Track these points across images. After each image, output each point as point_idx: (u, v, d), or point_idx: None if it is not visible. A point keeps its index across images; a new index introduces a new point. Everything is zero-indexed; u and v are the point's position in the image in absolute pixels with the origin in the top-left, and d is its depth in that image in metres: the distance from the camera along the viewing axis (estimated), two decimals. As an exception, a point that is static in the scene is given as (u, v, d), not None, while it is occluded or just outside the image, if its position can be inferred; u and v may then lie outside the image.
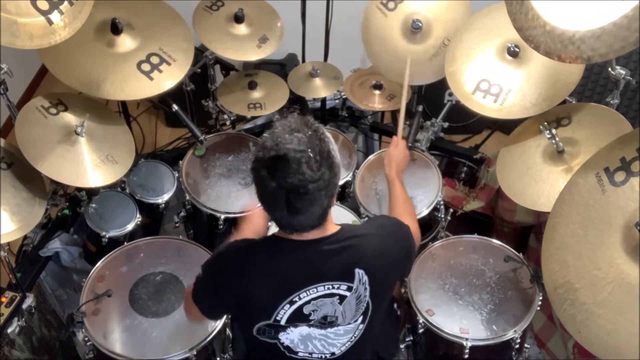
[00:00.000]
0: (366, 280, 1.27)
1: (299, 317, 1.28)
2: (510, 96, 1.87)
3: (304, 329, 1.30)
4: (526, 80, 1.87)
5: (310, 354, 1.34)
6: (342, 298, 1.27)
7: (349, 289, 1.27)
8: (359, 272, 1.26)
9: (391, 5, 2.20)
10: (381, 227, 1.40)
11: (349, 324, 1.32)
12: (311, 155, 1.12)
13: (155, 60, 1.96)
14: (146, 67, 1.94)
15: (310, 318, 1.29)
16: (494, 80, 1.91)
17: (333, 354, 1.35)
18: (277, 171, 1.12)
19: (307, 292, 1.25)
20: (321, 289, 1.25)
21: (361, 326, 1.34)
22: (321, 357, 1.35)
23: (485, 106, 1.91)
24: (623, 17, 1.23)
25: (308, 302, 1.26)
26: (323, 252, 1.25)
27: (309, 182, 1.12)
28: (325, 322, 1.30)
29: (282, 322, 1.28)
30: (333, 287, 1.26)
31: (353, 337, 1.35)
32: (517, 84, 1.88)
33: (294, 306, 1.26)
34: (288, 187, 1.12)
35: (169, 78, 1.97)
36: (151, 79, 1.94)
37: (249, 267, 1.27)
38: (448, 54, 2.01)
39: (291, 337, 1.31)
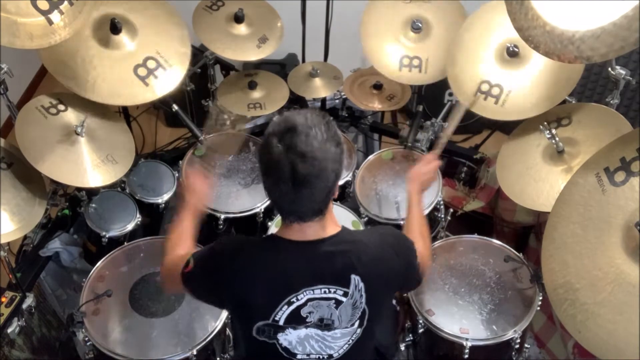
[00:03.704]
0: (362, 287, 1.26)
1: (296, 319, 1.28)
2: (511, 97, 1.87)
3: (302, 331, 1.30)
4: (527, 80, 1.87)
5: (308, 355, 1.34)
6: (338, 302, 1.27)
7: (345, 294, 1.26)
8: (355, 279, 1.25)
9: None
10: (382, 236, 1.37)
11: (346, 327, 1.32)
12: (318, 131, 1.15)
13: (151, 64, 1.96)
14: (142, 71, 1.94)
15: (307, 320, 1.28)
16: (494, 82, 1.91)
17: (331, 356, 1.35)
18: (286, 137, 1.14)
19: (305, 293, 1.25)
20: (318, 292, 1.25)
21: (358, 330, 1.34)
22: (319, 357, 1.35)
23: (486, 108, 1.90)
24: (623, 17, 1.23)
25: (305, 304, 1.26)
26: (321, 254, 1.24)
27: (316, 149, 1.14)
28: (322, 325, 1.30)
29: (281, 323, 1.27)
30: (329, 291, 1.26)
31: (350, 340, 1.35)
32: (518, 85, 1.88)
33: (292, 307, 1.26)
34: (295, 151, 1.13)
35: (164, 84, 1.97)
36: (146, 84, 1.93)
37: (248, 266, 1.27)
38: (448, 56, 2.01)
39: (289, 338, 1.31)
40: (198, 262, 1.33)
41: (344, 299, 1.27)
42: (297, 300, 1.25)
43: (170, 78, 1.98)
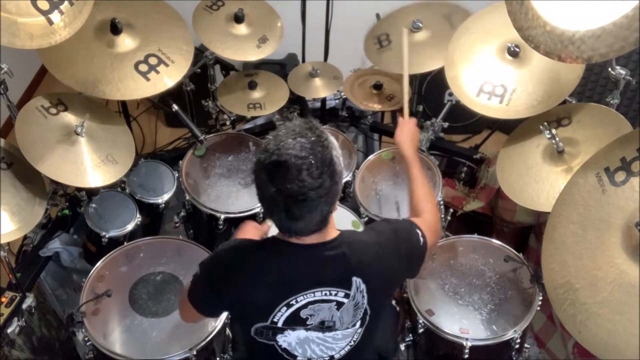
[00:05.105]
0: (364, 288, 1.27)
1: (296, 321, 1.28)
2: (516, 96, 1.87)
3: (301, 333, 1.30)
4: (530, 78, 1.87)
5: (309, 358, 1.34)
6: (339, 304, 1.27)
7: (347, 296, 1.26)
8: (357, 281, 1.26)
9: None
10: (381, 234, 1.36)
11: (347, 328, 1.32)
12: (312, 162, 1.11)
13: (153, 61, 1.96)
14: (144, 67, 1.94)
15: (307, 322, 1.29)
16: (496, 82, 1.90)
17: (332, 357, 1.35)
18: (277, 177, 1.12)
19: (304, 295, 1.25)
20: (318, 294, 1.25)
21: (360, 330, 1.34)
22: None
23: (491, 108, 1.90)
24: (623, 17, 1.23)
25: (305, 306, 1.26)
26: (321, 258, 1.25)
27: (309, 189, 1.11)
28: (323, 327, 1.30)
29: (279, 324, 1.28)
30: (330, 294, 1.26)
31: (352, 342, 1.35)
32: (521, 83, 1.87)
33: (291, 309, 1.26)
34: (287, 193, 1.11)
35: (166, 79, 1.97)
36: (148, 79, 1.93)
37: (248, 267, 1.27)
38: (447, 59, 2.00)
39: (288, 340, 1.31)
40: (202, 267, 1.34)
41: (345, 301, 1.27)
42: (297, 302, 1.25)
43: (172, 73, 1.98)
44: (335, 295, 1.26)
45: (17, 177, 1.73)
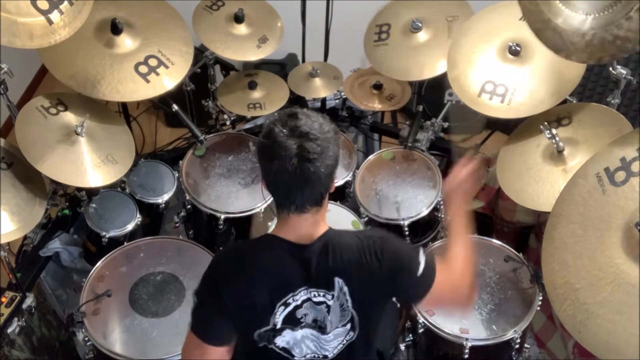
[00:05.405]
0: (346, 290, 1.27)
1: (292, 320, 1.28)
2: (517, 95, 1.86)
3: (297, 332, 1.31)
4: (531, 77, 1.86)
5: (304, 356, 1.35)
6: (327, 306, 1.29)
7: (332, 297, 1.28)
8: (339, 282, 1.26)
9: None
10: (367, 238, 1.31)
11: (337, 327, 1.32)
12: (317, 116, 1.23)
13: (153, 62, 1.96)
14: (143, 69, 1.94)
15: (301, 321, 1.30)
16: (498, 81, 1.90)
17: (326, 357, 1.36)
18: (291, 121, 1.20)
19: (300, 293, 1.26)
20: (309, 294, 1.27)
21: (351, 333, 1.34)
22: (314, 357, 1.36)
23: (493, 107, 1.89)
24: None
25: (300, 306, 1.27)
26: (311, 256, 1.25)
27: (318, 130, 1.19)
28: (316, 325, 1.31)
29: (278, 325, 1.28)
30: (318, 295, 1.27)
31: (345, 341, 1.35)
32: (523, 82, 1.87)
33: (289, 308, 1.26)
34: (300, 132, 1.18)
35: (165, 81, 1.97)
36: (147, 81, 1.93)
37: (246, 267, 1.27)
38: (449, 59, 2.00)
39: (286, 339, 1.31)
40: (200, 286, 1.31)
41: (331, 302, 1.28)
42: (294, 301, 1.26)
43: (172, 75, 1.98)
44: (323, 296, 1.27)
45: (17, 177, 1.73)
